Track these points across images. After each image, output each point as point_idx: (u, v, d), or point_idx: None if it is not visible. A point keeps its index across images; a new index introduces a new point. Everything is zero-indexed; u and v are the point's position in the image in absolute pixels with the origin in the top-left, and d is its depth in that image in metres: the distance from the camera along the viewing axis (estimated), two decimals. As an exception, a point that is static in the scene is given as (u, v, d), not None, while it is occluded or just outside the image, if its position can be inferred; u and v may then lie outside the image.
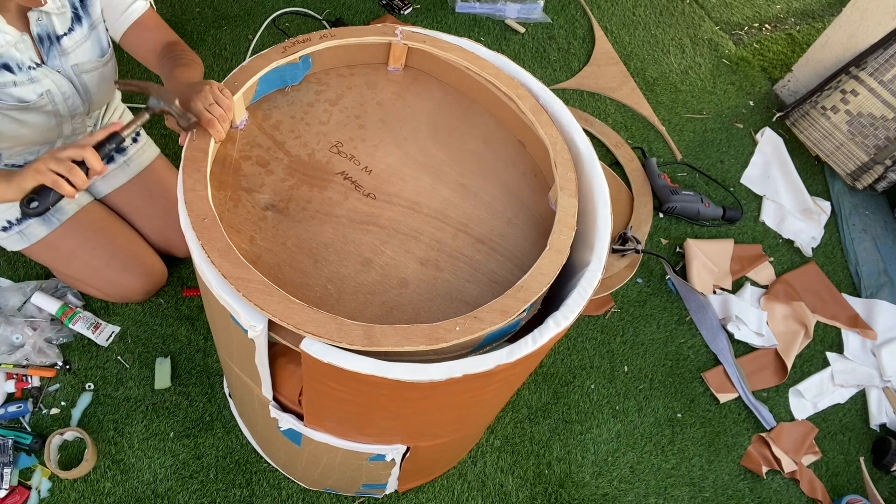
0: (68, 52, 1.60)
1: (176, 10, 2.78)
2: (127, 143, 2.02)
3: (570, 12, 3.17)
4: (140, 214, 2.03)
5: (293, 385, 1.34)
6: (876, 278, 2.61)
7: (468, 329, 1.07)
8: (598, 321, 2.33)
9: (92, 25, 1.63)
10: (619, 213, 2.56)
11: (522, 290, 1.13)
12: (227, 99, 1.23)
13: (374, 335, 1.04)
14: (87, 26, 1.62)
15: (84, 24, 1.61)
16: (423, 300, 1.20)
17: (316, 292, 1.17)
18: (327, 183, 1.29)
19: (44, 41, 1.56)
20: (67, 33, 1.59)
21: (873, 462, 2.28)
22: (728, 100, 3.04)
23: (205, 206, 1.12)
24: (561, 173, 1.29)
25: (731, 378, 2.29)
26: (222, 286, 1.07)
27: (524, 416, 2.11)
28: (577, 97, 2.89)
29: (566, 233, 1.22)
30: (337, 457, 1.52)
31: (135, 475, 1.86)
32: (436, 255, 1.25)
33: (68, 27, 1.58)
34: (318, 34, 1.38)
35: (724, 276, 2.51)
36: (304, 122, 1.36)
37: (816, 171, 2.92)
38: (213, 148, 1.23)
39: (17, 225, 1.85)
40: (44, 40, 1.55)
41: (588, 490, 2.04)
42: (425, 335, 1.05)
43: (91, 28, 1.63)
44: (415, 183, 1.33)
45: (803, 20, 3.48)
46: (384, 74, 1.48)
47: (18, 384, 1.89)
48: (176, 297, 2.11)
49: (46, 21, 1.54)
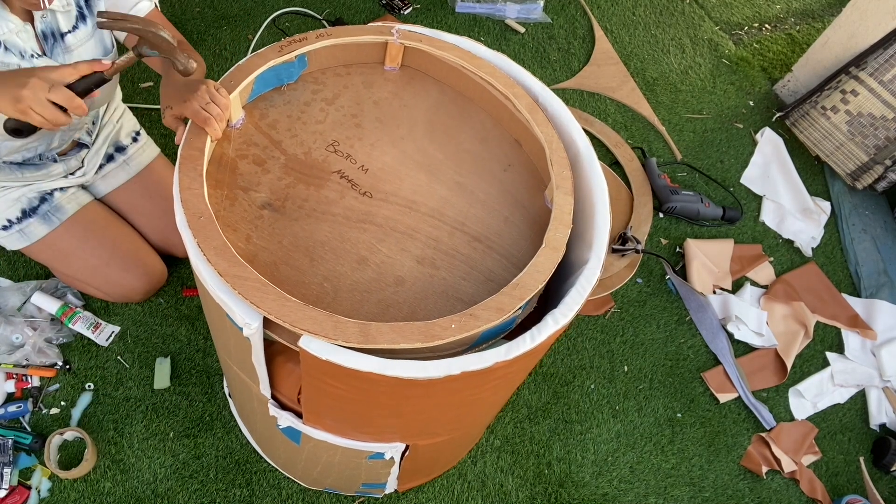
0: (72, 50, 1.61)
1: (176, 10, 2.78)
2: (127, 142, 2.02)
3: (570, 12, 3.17)
4: (140, 214, 2.03)
5: (292, 383, 1.34)
6: (876, 278, 2.61)
7: (464, 326, 1.08)
8: (597, 321, 2.33)
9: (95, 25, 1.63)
10: (619, 213, 2.56)
11: (518, 288, 1.14)
12: (223, 98, 1.23)
13: (370, 332, 1.05)
14: (92, 25, 1.62)
15: (88, 23, 1.61)
16: (420, 298, 1.20)
17: (312, 290, 1.17)
18: (324, 181, 1.29)
19: (48, 38, 1.56)
20: (72, 31, 1.59)
21: (873, 462, 2.28)
22: (728, 100, 3.04)
23: (201, 205, 1.13)
24: (557, 171, 1.29)
25: (731, 378, 2.28)
26: (218, 284, 1.08)
27: (524, 416, 2.11)
28: (577, 97, 2.89)
29: (562, 230, 1.22)
30: (336, 455, 1.52)
31: (135, 475, 1.86)
32: (432, 253, 1.25)
33: (73, 25, 1.59)
34: (314, 33, 1.38)
35: (724, 276, 2.50)
36: (300, 120, 1.36)
37: (816, 171, 2.92)
38: (209, 147, 1.23)
39: (17, 224, 1.85)
40: (48, 37, 1.56)
41: (588, 490, 2.04)
42: (421, 332, 1.06)
43: (95, 27, 1.63)
44: (411, 181, 1.33)
45: (803, 20, 3.48)
46: (381, 73, 1.48)
47: (18, 384, 1.90)
48: (176, 297, 2.12)
49: (51, 18, 1.54)
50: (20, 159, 1.77)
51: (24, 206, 1.85)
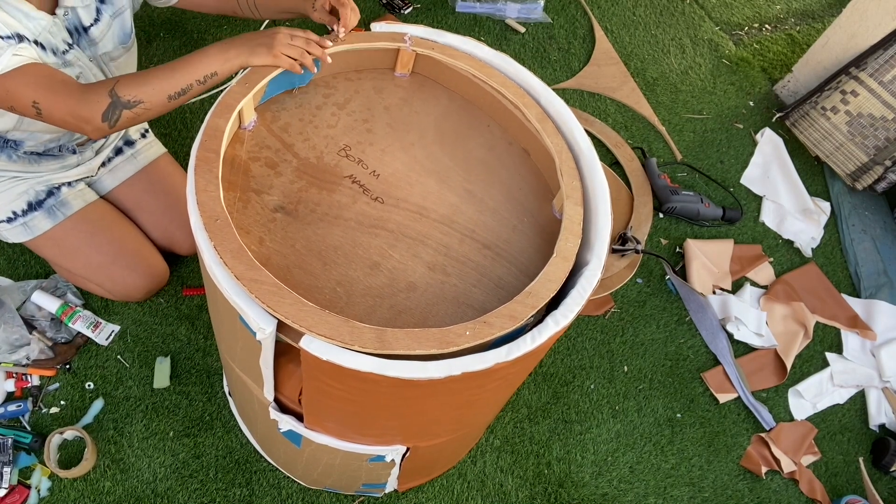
0: (97, 42, 1.63)
1: (176, 10, 2.75)
2: (136, 136, 2.05)
3: (570, 12, 3.16)
4: (144, 210, 2.03)
5: (293, 385, 1.35)
6: (875, 279, 2.62)
7: (478, 334, 1.08)
8: (597, 321, 2.33)
9: (115, 13, 1.65)
10: (619, 213, 2.57)
11: (531, 296, 1.14)
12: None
13: (386, 339, 1.05)
14: (109, 15, 1.64)
15: (106, 13, 1.63)
16: (431, 304, 1.20)
17: (325, 295, 1.17)
18: (336, 186, 1.29)
19: (72, 33, 1.58)
20: (94, 24, 1.61)
21: (872, 462, 2.29)
22: (728, 100, 3.05)
23: (217, 208, 1.12)
24: (567, 181, 1.29)
25: (731, 378, 2.29)
26: (233, 288, 1.07)
27: (524, 416, 2.11)
28: (578, 97, 2.89)
29: (573, 240, 1.23)
30: (337, 458, 1.52)
31: (134, 474, 1.85)
32: (443, 259, 1.25)
33: (94, 18, 1.60)
34: (327, 37, 1.38)
35: (724, 276, 2.51)
36: (312, 124, 1.36)
37: (816, 171, 2.93)
38: (223, 149, 1.22)
39: (22, 217, 1.85)
40: (72, 33, 1.57)
41: (588, 490, 2.04)
42: (436, 339, 1.06)
43: (113, 16, 1.65)
44: (422, 188, 1.33)
45: (803, 20, 3.49)
46: (391, 79, 1.48)
47: (18, 383, 1.89)
48: (176, 297, 2.11)
49: (73, 15, 1.56)
50: (41, 149, 1.77)
51: (31, 200, 1.85)
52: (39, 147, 1.76)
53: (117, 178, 2.02)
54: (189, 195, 1.14)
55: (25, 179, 1.83)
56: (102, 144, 1.95)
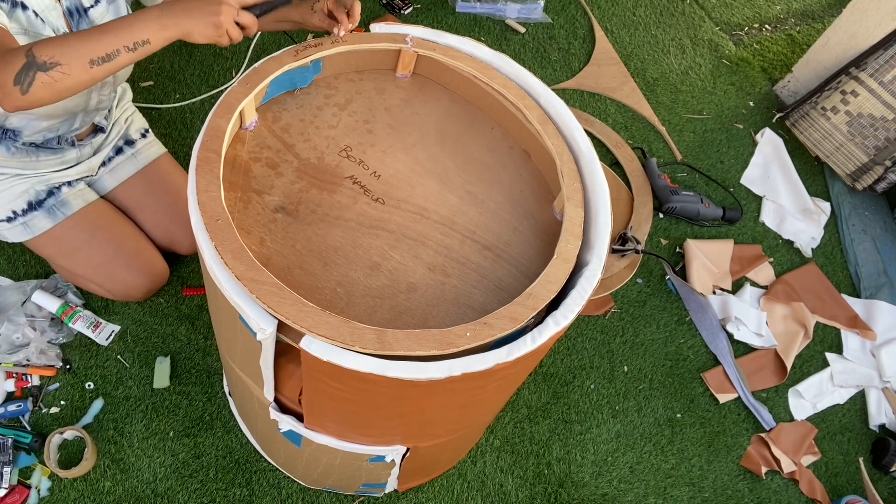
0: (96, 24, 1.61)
1: (176, 8, 2.76)
2: (136, 136, 2.04)
3: (570, 12, 3.16)
4: (144, 209, 2.03)
5: (293, 385, 1.35)
6: (875, 279, 2.62)
7: (479, 335, 1.08)
8: (597, 321, 2.33)
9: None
10: (619, 213, 2.57)
11: (531, 298, 1.14)
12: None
13: (387, 340, 1.05)
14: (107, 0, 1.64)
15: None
16: (432, 305, 1.20)
17: (325, 295, 1.17)
18: (336, 186, 1.29)
19: (73, 14, 1.58)
20: (94, 5, 1.61)
21: (872, 462, 2.29)
22: (728, 100, 3.05)
23: (218, 208, 1.12)
24: (568, 183, 1.29)
25: (731, 378, 2.29)
26: (234, 288, 1.07)
27: (524, 416, 2.11)
28: (578, 97, 2.89)
29: (573, 242, 1.23)
30: (337, 458, 1.52)
31: (134, 474, 1.85)
32: (443, 260, 1.25)
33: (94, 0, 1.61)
34: (329, 39, 1.38)
35: (724, 276, 2.51)
36: (313, 125, 1.36)
37: (816, 171, 2.93)
38: (224, 149, 1.22)
39: (22, 216, 1.85)
40: (73, 14, 1.57)
41: (588, 490, 2.04)
42: (437, 340, 1.06)
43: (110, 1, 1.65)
44: (423, 189, 1.33)
45: (803, 21, 3.49)
46: (392, 80, 1.48)
47: (18, 383, 1.88)
48: (176, 297, 2.11)
49: None
50: (40, 139, 1.76)
51: (31, 199, 1.85)
52: (38, 137, 1.74)
53: (117, 178, 2.02)
54: (190, 195, 1.14)
55: (26, 179, 1.83)
56: (102, 142, 1.95)
